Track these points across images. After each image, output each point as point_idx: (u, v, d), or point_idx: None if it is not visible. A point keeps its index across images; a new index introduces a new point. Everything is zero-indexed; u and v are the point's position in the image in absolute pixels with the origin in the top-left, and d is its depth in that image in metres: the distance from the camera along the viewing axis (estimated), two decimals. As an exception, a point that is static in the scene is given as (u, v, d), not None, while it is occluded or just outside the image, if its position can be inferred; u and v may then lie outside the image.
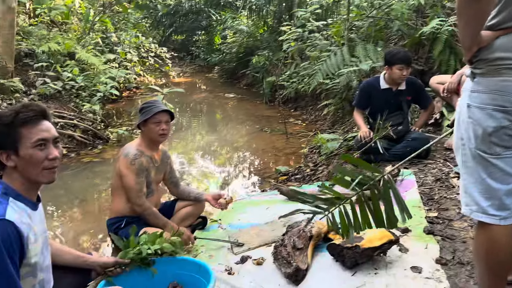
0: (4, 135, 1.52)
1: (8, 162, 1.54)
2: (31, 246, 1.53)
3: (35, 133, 1.55)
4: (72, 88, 6.80)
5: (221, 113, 8.93)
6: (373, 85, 4.00)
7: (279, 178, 4.51)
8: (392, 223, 1.46)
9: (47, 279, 1.69)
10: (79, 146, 5.67)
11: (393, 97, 3.91)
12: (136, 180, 2.61)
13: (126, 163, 2.62)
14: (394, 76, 3.81)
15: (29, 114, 1.55)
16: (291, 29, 7.97)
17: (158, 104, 2.73)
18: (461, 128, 1.57)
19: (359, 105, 4.12)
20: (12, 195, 1.53)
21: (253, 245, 2.63)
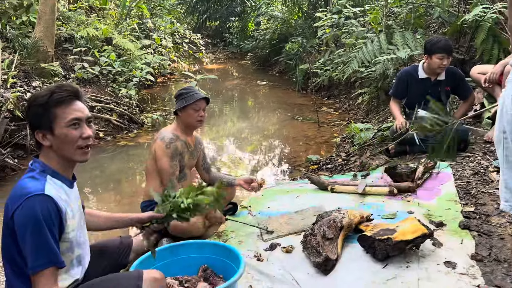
0: (39, 115, 1.58)
1: (44, 141, 1.60)
2: (69, 221, 1.59)
3: (69, 112, 1.59)
4: (109, 73, 6.98)
5: (252, 100, 8.93)
6: (411, 74, 3.87)
7: (309, 167, 4.48)
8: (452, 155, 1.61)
9: (83, 254, 1.75)
10: (115, 130, 5.84)
11: (431, 87, 3.78)
12: (170, 163, 2.67)
13: (162, 146, 2.68)
14: (433, 66, 3.67)
15: (63, 95, 1.59)
16: (326, 15, 7.81)
17: (197, 91, 2.78)
18: (503, 120, 1.50)
19: (396, 94, 4.00)
20: (49, 173, 1.59)
21: (282, 232, 2.64)
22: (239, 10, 15.96)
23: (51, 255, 1.48)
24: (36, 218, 1.46)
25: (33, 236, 1.47)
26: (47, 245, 1.47)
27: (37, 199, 1.49)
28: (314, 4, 10.88)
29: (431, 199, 2.94)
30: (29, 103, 1.63)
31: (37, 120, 1.59)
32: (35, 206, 1.47)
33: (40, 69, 5.67)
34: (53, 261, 1.49)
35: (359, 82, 6.66)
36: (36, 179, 1.56)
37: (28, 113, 1.63)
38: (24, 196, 1.49)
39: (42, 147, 1.63)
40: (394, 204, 2.90)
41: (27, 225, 1.47)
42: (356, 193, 3.12)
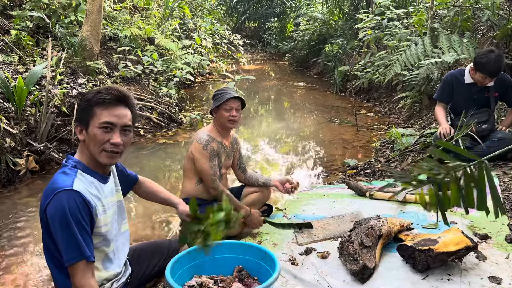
0: (82, 110, 1.65)
1: (79, 135, 1.67)
2: (100, 216, 1.63)
3: (105, 115, 1.62)
4: (151, 72, 7.15)
5: (289, 101, 8.89)
6: (457, 78, 3.72)
7: (346, 171, 4.40)
8: (483, 207, 1.31)
9: (120, 247, 1.80)
10: (155, 128, 5.98)
11: (477, 92, 3.62)
12: (209, 164, 2.70)
13: (199, 148, 2.71)
14: (476, 79, 3.56)
15: (105, 97, 1.63)
16: (368, 17, 7.66)
17: (230, 91, 2.78)
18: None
19: (441, 98, 3.85)
20: (80, 168, 1.64)
21: (318, 237, 2.61)
22: (279, 11, 15.95)
23: (80, 249, 1.52)
24: (63, 212, 1.51)
25: (62, 230, 1.51)
26: (75, 239, 1.51)
27: (65, 194, 1.53)
28: (355, 5, 10.71)
29: (475, 210, 2.81)
30: (81, 98, 1.71)
31: (79, 114, 1.68)
32: (62, 201, 1.52)
33: (85, 67, 5.89)
34: (83, 255, 1.52)
35: (401, 86, 6.49)
36: (66, 174, 1.60)
37: (77, 107, 1.71)
38: (54, 191, 1.54)
39: (80, 142, 1.70)
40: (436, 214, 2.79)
41: (56, 219, 1.52)
42: (396, 200, 3.04)
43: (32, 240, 3.03)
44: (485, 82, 3.51)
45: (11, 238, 3.06)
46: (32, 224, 3.23)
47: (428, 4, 6.48)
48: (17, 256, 2.82)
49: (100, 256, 1.68)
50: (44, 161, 4.37)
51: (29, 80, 4.55)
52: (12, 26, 5.76)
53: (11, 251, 2.88)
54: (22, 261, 2.75)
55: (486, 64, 3.43)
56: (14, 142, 4.12)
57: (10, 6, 6.16)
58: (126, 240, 1.89)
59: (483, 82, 3.53)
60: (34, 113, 4.54)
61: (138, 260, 2.07)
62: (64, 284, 1.61)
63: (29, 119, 4.48)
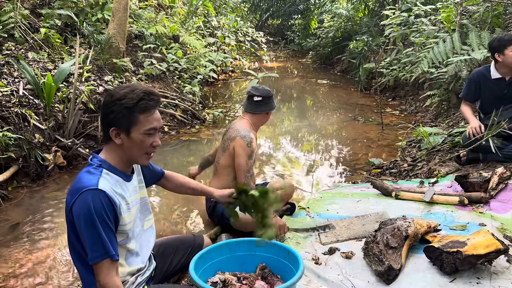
0: (122, 115, 1.62)
1: (116, 139, 1.66)
2: (124, 214, 1.65)
3: (150, 121, 1.65)
4: (175, 69, 7.21)
5: (312, 99, 8.81)
6: (484, 75, 3.60)
7: (371, 170, 4.33)
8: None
9: (144, 243, 1.82)
10: (179, 125, 6.03)
11: (506, 87, 3.50)
12: (247, 161, 2.79)
13: (243, 144, 2.79)
14: (508, 61, 3.38)
15: (150, 104, 1.65)
16: (394, 13, 7.51)
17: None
18: None
19: (467, 97, 3.75)
20: (105, 167, 1.66)
21: (342, 237, 2.58)
22: (302, 8, 15.84)
23: (104, 248, 1.54)
24: (89, 211, 1.53)
25: (87, 229, 1.54)
26: (100, 237, 1.53)
27: (90, 193, 1.55)
28: (381, 1, 10.52)
29: (506, 212, 2.72)
30: (113, 100, 1.63)
31: (117, 119, 1.63)
32: (88, 200, 1.54)
33: (112, 64, 5.99)
34: (108, 253, 1.54)
35: (428, 84, 6.34)
36: (92, 173, 1.62)
37: (109, 109, 1.63)
38: (79, 190, 1.56)
39: (109, 142, 1.69)
40: (464, 215, 2.72)
41: (81, 218, 1.54)
42: (422, 201, 2.97)
43: (61, 233, 3.11)
44: None
45: (40, 231, 3.14)
46: (60, 218, 3.31)
47: (457, 0, 6.30)
48: (45, 250, 2.89)
49: (123, 252, 1.70)
50: (71, 157, 4.47)
51: (57, 77, 4.66)
52: (42, 24, 5.91)
53: (39, 245, 2.96)
54: (50, 256, 2.81)
55: (504, 36, 3.43)
56: (43, 138, 4.23)
57: (39, 5, 6.32)
58: (151, 235, 1.91)
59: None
60: (62, 109, 4.64)
61: (162, 255, 2.09)
62: (90, 281, 1.63)
63: (57, 115, 4.59)
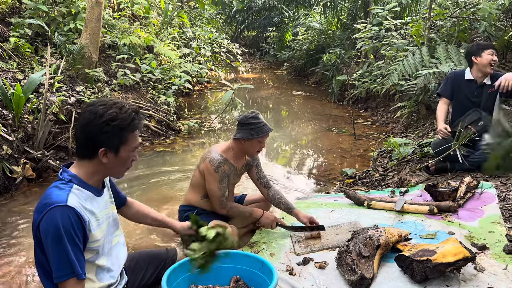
0: (114, 136, 1.60)
1: (103, 158, 1.62)
2: (94, 231, 1.61)
3: (136, 139, 1.68)
4: (150, 80, 7.16)
5: (287, 110, 8.90)
6: (460, 75, 3.87)
7: (345, 180, 4.39)
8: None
9: (114, 259, 1.77)
10: (153, 136, 5.97)
11: (476, 89, 3.74)
12: (219, 186, 2.69)
13: (211, 169, 2.67)
14: (484, 63, 3.65)
15: (140, 122, 1.68)
16: (366, 27, 7.71)
17: (265, 121, 2.72)
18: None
19: (443, 93, 3.89)
20: (76, 182, 1.61)
21: (316, 247, 2.60)
22: (277, 20, 16.06)
23: (71, 267, 1.50)
24: (57, 229, 1.48)
25: (54, 247, 1.49)
26: (68, 256, 1.49)
27: (59, 210, 1.50)
28: (353, 15, 10.78)
29: (473, 221, 2.81)
30: (105, 121, 1.57)
31: (109, 139, 1.59)
32: (56, 217, 1.49)
33: (84, 75, 5.90)
34: (74, 272, 1.50)
35: (398, 95, 6.52)
36: (61, 189, 1.57)
37: (100, 131, 1.58)
38: (47, 207, 1.51)
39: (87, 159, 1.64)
40: (434, 224, 2.79)
41: (49, 235, 1.49)
42: (394, 210, 3.03)
43: (28, 248, 3.00)
44: (493, 59, 3.63)
45: (6, 247, 3.03)
46: (28, 233, 3.21)
47: (425, 15, 6.53)
48: (12, 266, 2.79)
49: (94, 268, 1.65)
50: (41, 169, 4.35)
51: (27, 87, 4.55)
52: (11, 33, 5.77)
53: (5, 260, 2.85)
54: (17, 272, 2.72)
55: (480, 43, 3.81)
56: (11, 150, 4.10)
57: (9, 13, 6.18)
58: (121, 250, 1.87)
59: (491, 60, 3.62)
60: (31, 120, 4.53)
61: (134, 269, 2.06)
62: None
63: (27, 126, 4.47)
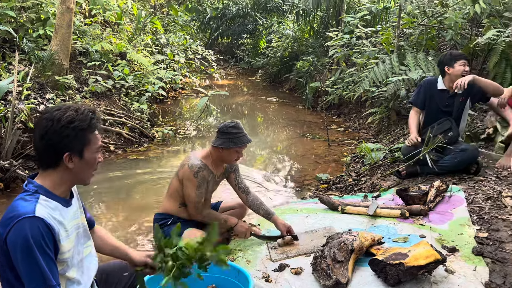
0: (76, 138, 1.57)
1: (69, 163, 1.58)
2: (64, 241, 1.56)
3: (98, 138, 1.65)
4: (122, 87, 7.06)
5: (262, 116, 8.95)
6: (432, 84, 3.85)
7: (319, 186, 4.45)
8: None
9: (85, 270, 1.72)
10: (126, 143, 5.88)
11: (448, 99, 3.76)
12: (196, 192, 2.67)
13: (190, 175, 2.66)
14: (456, 73, 3.64)
15: (99, 123, 1.65)
16: (338, 35, 7.87)
17: (244, 131, 2.72)
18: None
19: (416, 103, 3.91)
20: (42, 193, 1.56)
21: (291, 253, 2.61)
22: (251, 27, 16.16)
23: (44, 277, 1.46)
24: (26, 240, 1.44)
25: (24, 260, 1.45)
26: (39, 267, 1.45)
27: (28, 221, 1.46)
28: (325, 23, 10.98)
29: (443, 223, 2.89)
30: (64, 125, 1.54)
31: (71, 143, 1.56)
32: (24, 229, 1.44)
33: (54, 82, 5.76)
34: (46, 283, 1.46)
35: (370, 102, 6.66)
36: (27, 200, 1.52)
37: (61, 135, 1.55)
38: (14, 219, 1.46)
39: (51, 168, 1.60)
40: (406, 227, 2.86)
41: (18, 248, 1.45)
42: (367, 214, 3.09)
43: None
44: (466, 69, 3.62)
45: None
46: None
47: (395, 23, 6.72)
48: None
49: (64, 280, 1.60)
50: (9, 179, 4.21)
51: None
52: (-23, 39, 5.60)
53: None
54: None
55: (453, 52, 3.76)
56: (-23, 160, 3.96)
57: (-26, 19, 5.99)
58: (92, 262, 1.82)
59: (464, 71, 3.61)
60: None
61: (106, 281, 2.01)
62: None
63: (-7, 135, 4.33)
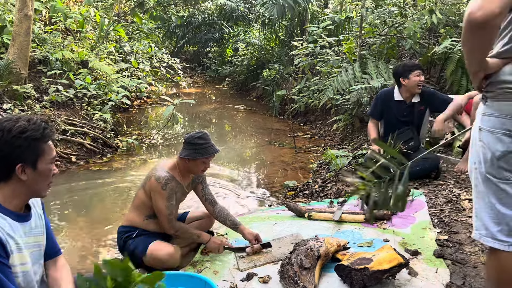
0: (29, 149, 1.53)
1: (21, 175, 1.54)
2: (14, 253, 1.51)
3: (52, 149, 1.61)
4: (84, 96, 6.87)
5: (230, 124, 8.95)
6: (388, 95, 3.91)
7: (287, 193, 4.47)
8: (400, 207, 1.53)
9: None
10: (88, 154, 5.71)
11: (406, 109, 3.84)
12: (167, 204, 2.61)
13: (157, 188, 2.59)
14: (412, 84, 3.72)
15: (53, 132, 1.61)
16: (302, 44, 8.01)
17: (211, 142, 2.66)
18: (473, 151, 1.56)
19: (373, 115, 4.01)
20: None
21: (259, 262, 2.60)
22: (218, 36, 16.18)
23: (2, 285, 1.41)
24: None
25: None
26: None
27: None
28: (290, 33, 11.15)
29: (406, 227, 2.97)
30: (15, 135, 1.51)
31: (23, 154, 1.53)
32: None
33: (12, 91, 5.54)
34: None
35: (334, 109, 6.80)
36: None
37: (12, 146, 1.51)
38: None
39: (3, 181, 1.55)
40: (370, 232, 2.91)
41: None
42: (333, 220, 3.13)
43: None
44: (421, 79, 3.71)
45: None
46: None
47: (357, 33, 6.92)
48: None
49: None
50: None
51: None
52: None
53: None
54: None
55: (408, 63, 3.84)
56: None
57: None
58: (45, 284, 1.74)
59: (419, 81, 3.70)
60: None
61: None
62: None
63: None
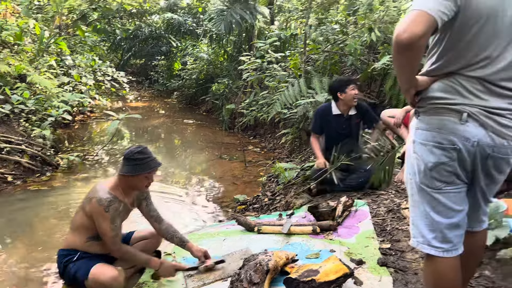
0: None
1: None
2: None
3: None
4: (22, 112, 6.49)
5: (179, 138, 8.82)
6: (327, 110, 4.09)
7: (237, 207, 4.47)
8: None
9: None
10: (26, 173, 5.38)
11: (344, 122, 4.04)
12: (111, 226, 2.51)
13: (100, 210, 2.47)
14: (349, 98, 3.92)
15: None
16: (250, 59, 8.12)
17: (153, 156, 2.58)
18: (409, 162, 1.66)
19: (314, 130, 4.19)
20: None
21: (208, 279, 2.57)
22: (165, 49, 15.98)
23: None
24: None
25: None
26: None
27: None
28: (238, 48, 11.27)
29: (350, 237, 3.06)
30: None
31: None
32: None
33: None
34: None
35: (282, 123, 6.93)
36: None
37: None
38: None
39: None
40: (317, 243, 2.97)
41: None
42: (281, 233, 3.16)
43: None
44: (356, 93, 3.91)
45: None
46: None
47: (301, 49, 7.13)
48: None
49: None
50: None
51: None
52: None
53: None
54: None
55: (343, 78, 4.14)
56: None
57: None
58: None
59: (355, 95, 3.90)
60: None
61: None
62: None
63: None
